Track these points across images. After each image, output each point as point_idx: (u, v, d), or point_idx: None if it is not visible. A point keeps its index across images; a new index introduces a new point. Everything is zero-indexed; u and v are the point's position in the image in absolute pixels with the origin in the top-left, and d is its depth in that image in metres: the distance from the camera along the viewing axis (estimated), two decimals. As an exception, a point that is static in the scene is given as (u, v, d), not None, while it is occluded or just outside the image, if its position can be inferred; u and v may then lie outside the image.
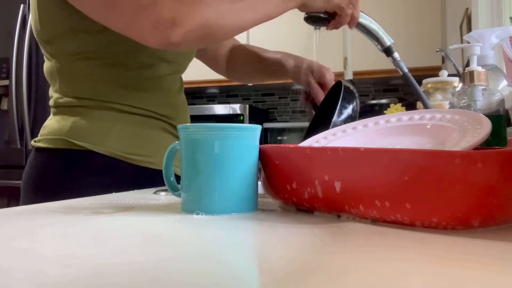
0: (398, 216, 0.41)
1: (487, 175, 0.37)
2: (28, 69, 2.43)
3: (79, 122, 0.83)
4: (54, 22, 0.82)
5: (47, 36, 0.84)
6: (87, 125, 0.83)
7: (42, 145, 0.85)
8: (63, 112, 0.86)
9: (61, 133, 0.83)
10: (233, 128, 0.51)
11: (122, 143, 0.83)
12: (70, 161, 0.83)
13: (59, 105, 0.86)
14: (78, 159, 0.82)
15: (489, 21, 1.86)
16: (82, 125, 0.83)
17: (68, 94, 0.85)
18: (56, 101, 0.87)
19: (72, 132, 0.83)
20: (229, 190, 0.50)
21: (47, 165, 0.84)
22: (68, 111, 0.85)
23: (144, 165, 0.85)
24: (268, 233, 0.42)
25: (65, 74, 0.85)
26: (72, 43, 0.83)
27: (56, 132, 0.84)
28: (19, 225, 0.46)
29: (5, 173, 2.46)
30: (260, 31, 3.23)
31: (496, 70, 0.85)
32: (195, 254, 0.34)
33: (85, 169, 0.82)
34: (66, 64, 0.84)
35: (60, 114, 0.86)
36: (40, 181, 0.84)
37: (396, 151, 0.42)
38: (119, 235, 0.41)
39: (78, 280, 0.27)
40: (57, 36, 0.83)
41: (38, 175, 0.85)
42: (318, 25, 0.91)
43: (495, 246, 0.36)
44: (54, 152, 0.83)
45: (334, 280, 0.28)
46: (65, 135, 0.82)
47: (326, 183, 0.45)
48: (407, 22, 2.77)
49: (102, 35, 0.80)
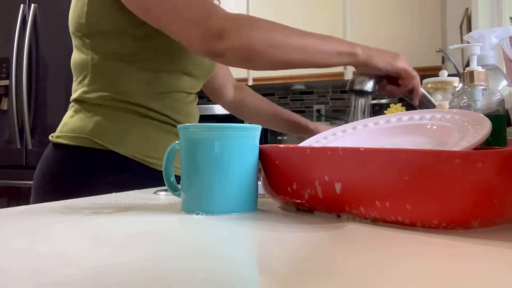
0: (398, 216, 0.41)
1: (487, 175, 0.37)
2: (28, 69, 2.43)
3: (102, 122, 0.85)
4: (102, 20, 0.84)
5: (90, 30, 0.86)
6: (110, 126, 0.85)
7: (62, 141, 0.86)
8: (86, 109, 0.87)
9: (84, 132, 0.85)
10: (233, 128, 0.51)
11: (141, 146, 0.86)
12: (91, 160, 0.85)
13: (84, 100, 0.88)
14: (99, 158, 0.84)
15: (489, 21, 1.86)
16: (105, 125, 0.85)
17: (97, 90, 0.87)
18: (82, 95, 0.88)
19: (95, 131, 0.85)
20: (229, 190, 0.50)
21: (68, 162, 0.86)
22: (91, 109, 0.87)
23: (159, 168, 0.87)
24: (268, 233, 0.42)
25: (98, 71, 0.87)
26: (114, 43, 0.85)
27: (79, 130, 0.86)
28: (19, 225, 0.46)
29: (5, 173, 2.46)
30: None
31: (496, 70, 0.85)
32: (195, 254, 0.34)
33: (105, 169, 0.84)
34: (101, 60, 0.86)
35: (82, 111, 0.88)
36: (60, 177, 0.85)
37: (396, 151, 0.42)
38: (119, 235, 0.41)
39: (78, 280, 0.27)
40: (101, 33, 0.85)
41: (58, 172, 0.86)
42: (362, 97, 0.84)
43: (495, 246, 0.36)
44: (75, 150, 0.85)
45: (334, 280, 0.28)
46: (88, 134, 0.85)
47: (326, 184, 0.45)
48: (407, 22, 2.77)
49: (144, 41, 0.84)
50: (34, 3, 2.45)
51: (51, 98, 2.41)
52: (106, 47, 0.86)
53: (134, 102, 0.86)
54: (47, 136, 0.92)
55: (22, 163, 2.44)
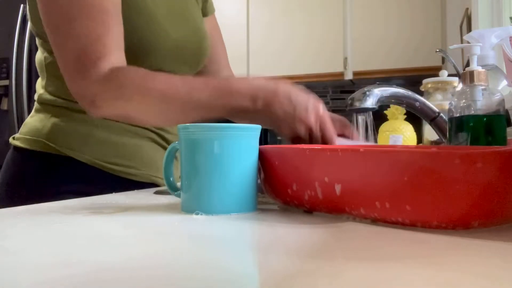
0: (398, 217, 0.41)
1: (487, 175, 0.37)
2: (28, 69, 2.43)
3: (60, 125, 0.79)
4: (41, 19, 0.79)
5: (37, 30, 0.81)
6: (68, 129, 0.79)
7: (20, 144, 0.80)
8: (46, 110, 0.82)
9: (41, 135, 0.79)
10: (233, 128, 0.51)
11: (103, 152, 0.80)
12: (47, 166, 0.79)
13: (43, 102, 0.83)
14: (56, 165, 0.78)
15: (489, 21, 1.86)
16: (63, 128, 0.79)
17: (53, 91, 0.82)
18: (41, 96, 0.83)
19: (52, 134, 0.79)
20: (228, 190, 0.50)
21: (24, 168, 0.80)
22: (50, 110, 0.81)
23: (125, 176, 0.81)
24: (267, 233, 0.42)
25: (53, 72, 0.81)
26: None
27: (36, 132, 0.80)
28: (19, 224, 0.46)
29: (5, 173, 2.46)
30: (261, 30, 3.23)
31: (496, 70, 0.86)
32: (195, 254, 0.34)
33: (63, 176, 0.78)
34: (54, 61, 0.78)
35: (42, 112, 0.82)
36: (16, 185, 0.80)
37: (396, 152, 0.42)
38: (119, 235, 0.41)
39: (77, 280, 0.27)
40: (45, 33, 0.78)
41: (14, 179, 0.80)
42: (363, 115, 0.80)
43: (495, 246, 0.36)
44: (31, 154, 0.79)
45: (334, 280, 0.28)
46: (44, 137, 0.79)
47: (326, 185, 0.45)
48: (407, 23, 2.77)
49: None
50: (34, 3, 2.45)
51: (51, 98, 2.41)
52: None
53: None
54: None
55: (22, 163, 2.44)
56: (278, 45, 3.08)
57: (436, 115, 0.86)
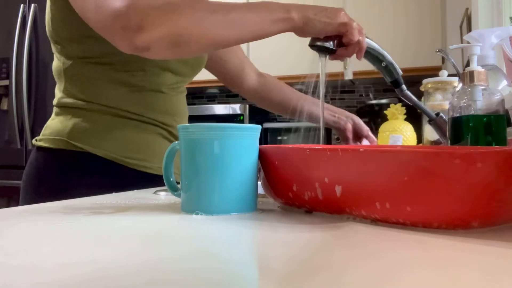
0: (399, 217, 0.41)
1: (487, 175, 0.37)
2: (28, 69, 2.43)
3: (80, 124, 0.85)
4: (64, 26, 0.84)
5: (56, 37, 0.86)
6: (87, 128, 0.85)
7: (43, 144, 0.86)
8: (66, 112, 0.87)
9: (62, 134, 0.85)
10: (233, 128, 0.51)
11: (119, 147, 0.85)
12: (69, 162, 0.84)
13: (62, 105, 0.88)
14: (78, 161, 0.84)
15: (489, 21, 1.86)
16: (83, 127, 0.85)
17: (72, 95, 0.87)
18: (60, 100, 0.89)
19: (72, 133, 0.84)
20: (228, 190, 0.50)
21: (48, 165, 0.86)
22: (70, 112, 0.87)
23: (141, 169, 0.86)
24: (268, 233, 0.42)
25: (71, 76, 0.87)
26: (80, 47, 0.84)
27: (58, 132, 0.86)
28: (19, 225, 0.46)
29: (5, 173, 2.46)
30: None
31: (496, 70, 0.85)
32: (195, 254, 0.34)
33: (83, 171, 0.84)
34: (72, 66, 0.86)
35: (62, 114, 0.88)
36: (40, 181, 0.85)
37: (396, 152, 0.42)
38: (119, 235, 0.41)
39: (77, 280, 0.27)
40: (66, 39, 0.85)
41: (39, 175, 0.86)
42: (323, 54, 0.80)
43: (495, 246, 0.36)
44: (54, 153, 0.85)
45: (334, 280, 0.28)
46: (66, 136, 0.84)
47: (326, 186, 0.45)
48: (407, 22, 2.77)
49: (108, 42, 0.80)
50: (34, 3, 2.45)
51: (51, 98, 2.39)
52: (73, 51, 0.85)
53: (110, 105, 0.85)
54: (47, 136, 0.93)
55: (22, 163, 2.44)
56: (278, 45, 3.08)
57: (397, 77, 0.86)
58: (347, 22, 0.75)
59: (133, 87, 0.87)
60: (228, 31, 0.72)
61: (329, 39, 0.77)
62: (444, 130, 0.84)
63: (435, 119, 0.86)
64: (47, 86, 2.43)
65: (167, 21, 0.68)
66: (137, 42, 0.67)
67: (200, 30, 0.70)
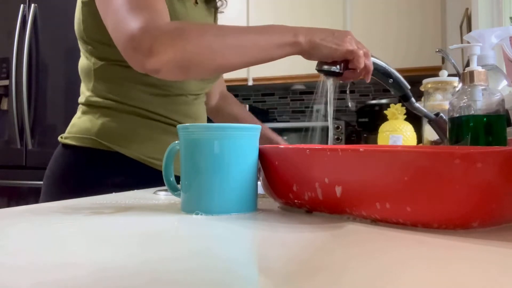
0: (399, 217, 0.41)
1: (487, 175, 0.37)
2: (28, 69, 2.43)
3: (108, 124, 0.87)
4: (96, 29, 0.85)
5: (88, 38, 0.88)
6: (115, 128, 0.87)
7: (70, 142, 0.88)
8: (94, 111, 0.89)
9: (90, 133, 0.87)
10: (233, 128, 0.51)
11: (146, 148, 0.87)
12: (96, 160, 0.86)
13: (91, 104, 0.90)
14: (104, 159, 0.86)
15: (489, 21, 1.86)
16: (111, 127, 0.87)
17: (101, 94, 0.89)
18: (88, 99, 0.90)
19: (100, 132, 0.86)
20: (228, 190, 0.50)
21: (74, 162, 0.88)
22: (98, 111, 0.88)
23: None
24: (268, 233, 0.42)
25: (101, 76, 0.89)
26: (112, 50, 0.85)
27: (86, 131, 0.87)
28: (19, 225, 0.46)
29: (5, 173, 2.46)
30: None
31: (496, 70, 0.86)
32: (195, 254, 0.34)
33: (109, 169, 0.86)
34: (103, 67, 0.88)
35: (90, 113, 0.89)
36: (65, 178, 0.87)
37: (396, 152, 0.42)
38: (119, 235, 0.41)
39: (77, 280, 0.27)
40: (98, 41, 0.87)
41: (64, 172, 0.88)
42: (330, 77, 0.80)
43: (495, 247, 0.36)
44: (81, 150, 0.87)
45: (334, 280, 0.28)
46: (94, 135, 0.86)
47: (326, 186, 0.45)
48: (407, 22, 2.77)
49: None
50: (34, 3, 2.45)
51: (51, 98, 2.41)
52: (105, 54, 0.87)
53: (138, 106, 0.87)
54: (47, 136, 0.94)
55: (22, 163, 2.43)
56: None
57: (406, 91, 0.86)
58: (353, 50, 0.76)
59: (161, 90, 0.89)
60: (235, 56, 0.74)
61: (336, 62, 0.78)
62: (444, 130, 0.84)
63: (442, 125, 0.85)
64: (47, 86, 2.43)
65: (175, 46, 0.70)
66: (147, 65, 0.70)
67: (207, 55, 0.72)
